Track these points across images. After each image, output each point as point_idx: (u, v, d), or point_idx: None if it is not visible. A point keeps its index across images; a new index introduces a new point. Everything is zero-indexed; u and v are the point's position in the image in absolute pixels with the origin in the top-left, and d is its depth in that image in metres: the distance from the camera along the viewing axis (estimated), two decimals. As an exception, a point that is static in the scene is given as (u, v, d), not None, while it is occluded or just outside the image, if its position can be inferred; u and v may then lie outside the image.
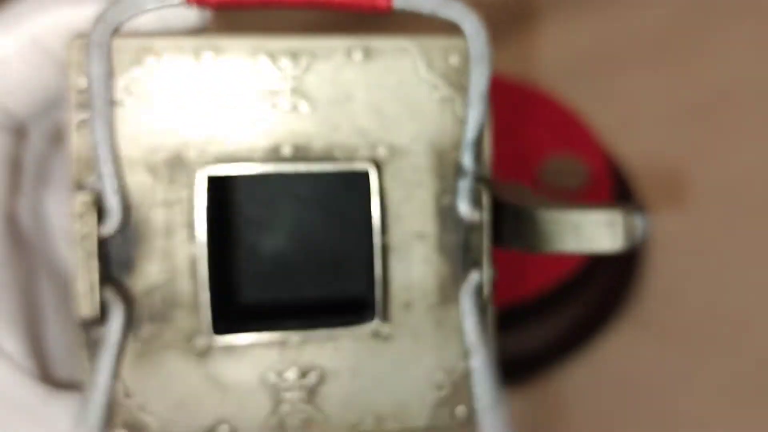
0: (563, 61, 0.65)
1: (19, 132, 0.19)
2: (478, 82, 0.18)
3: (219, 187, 0.20)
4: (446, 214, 0.20)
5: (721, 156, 0.58)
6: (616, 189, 0.52)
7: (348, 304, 0.21)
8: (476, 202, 0.19)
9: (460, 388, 0.20)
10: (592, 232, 0.18)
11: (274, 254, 0.21)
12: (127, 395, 0.18)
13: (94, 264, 0.17)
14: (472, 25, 0.18)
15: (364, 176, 0.19)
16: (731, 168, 0.57)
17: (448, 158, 0.19)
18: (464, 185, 0.19)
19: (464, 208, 0.20)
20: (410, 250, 0.19)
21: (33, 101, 0.19)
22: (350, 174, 0.19)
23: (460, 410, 0.20)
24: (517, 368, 0.47)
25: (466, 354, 0.20)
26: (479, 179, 0.19)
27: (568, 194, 0.49)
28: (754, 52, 0.62)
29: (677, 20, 0.64)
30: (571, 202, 0.20)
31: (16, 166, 0.19)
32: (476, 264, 0.20)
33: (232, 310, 0.21)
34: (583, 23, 0.66)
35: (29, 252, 0.20)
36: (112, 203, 0.18)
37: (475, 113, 0.19)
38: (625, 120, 0.61)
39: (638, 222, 0.18)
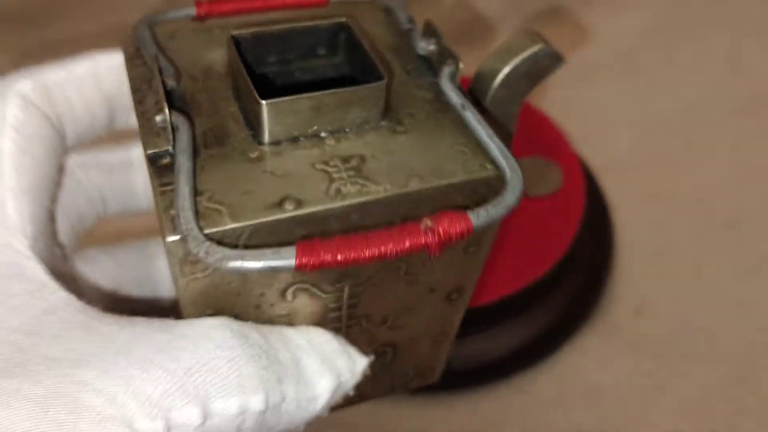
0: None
1: None
2: None
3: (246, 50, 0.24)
4: (405, 57, 0.26)
5: (693, 167, 0.57)
6: (590, 193, 0.50)
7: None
8: (427, 34, 0.26)
9: (479, 152, 0.23)
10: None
11: (297, 84, 0.26)
12: (199, 194, 0.20)
13: (164, 102, 0.21)
14: None
15: (347, 28, 0.25)
16: (702, 179, 0.56)
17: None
18: (415, 32, 0.27)
19: (421, 46, 0.26)
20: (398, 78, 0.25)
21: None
22: (336, 26, 0.25)
23: (489, 165, 0.22)
24: (482, 374, 0.45)
25: (462, 108, 0.24)
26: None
27: (544, 201, 0.48)
28: (727, 64, 0.62)
29: (649, 31, 0.63)
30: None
31: None
32: (444, 63, 0.25)
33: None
34: (554, 32, 0.66)
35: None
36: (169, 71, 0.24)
37: None
38: (595, 130, 0.60)
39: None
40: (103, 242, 0.30)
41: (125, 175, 0.28)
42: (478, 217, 0.21)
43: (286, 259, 0.19)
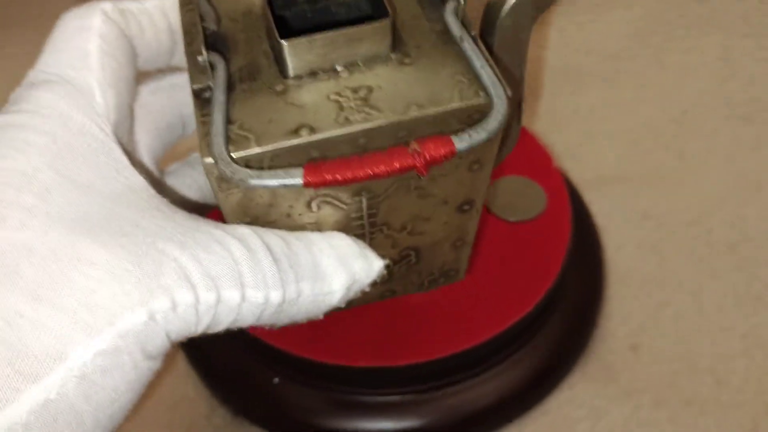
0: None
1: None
2: None
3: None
4: None
5: (687, 181, 0.52)
6: (576, 215, 0.45)
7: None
8: None
9: (475, 81, 0.25)
10: None
11: (322, 22, 0.28)
12: (231, 123, 0.24)
13: (201, 44, 0.25)
14: None
15: None
16: (697, 195, 0.51)
17: None
18: None
19: None
20: (404, 12, 0.27)
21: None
22: None
23: (482, 93, 0.25)
24: (461, 428, 0.39)
25: (460, 40, 0.26)
26: None
27: (526, 227, 0.42)
28: (720, 66, 0.56)
29: (637, 32, 0.58)
30: None
31: None
32: None
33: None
34: (533, 36, 0.60)
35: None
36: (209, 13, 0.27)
37: None
38: (579, 141, 0.55)
39: None
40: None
41: None
42: (461, 140, 0.23)
43: (295, 178, 0.23)
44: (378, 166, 0.23)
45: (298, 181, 0.23)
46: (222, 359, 0.41)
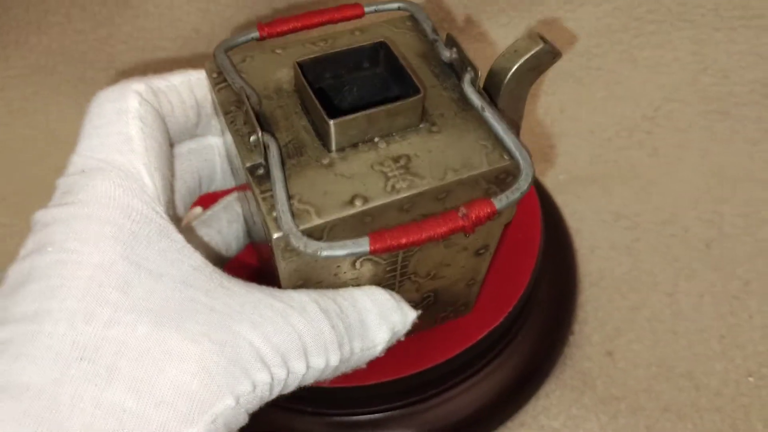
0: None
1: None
2: None
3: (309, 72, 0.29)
4: (431, 62, 0.31)
5: (661, 179, 0.51)
6: (548, 219, 0.44)
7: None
8: (449, 44, 0.30)
9: (497, 145, 0.28)
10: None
11: (351, 101, 0.30)
12: (290, 197, 0.26)
13: (257, 126, 0.26)
14: None
15: (385, 46, 0.29)
16: (672, 192, 0.50)
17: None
18: (439, 43, 0.31)
19: (445, 54, 0.30)
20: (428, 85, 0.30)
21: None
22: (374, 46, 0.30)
23: (506, 156, 0.27)
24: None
25: (482, 110, 0.28)
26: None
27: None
28: (693, 61, 0.56)
29: (607, 28, 0.57)
30: None
31: None
32: (465, 71, 0.29)
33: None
34: (503, 34, 0.59)
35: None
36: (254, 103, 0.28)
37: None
38: (550, 142, 0.54)
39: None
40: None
41: (211, 156, 0.33)
42: (500, 201, 0.26)
43: (362, 246, 0.25)
44: (434, 230, 0.25)
45: (366, 249, 0.25)
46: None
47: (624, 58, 0.56)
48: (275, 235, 0.25)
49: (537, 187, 0.45)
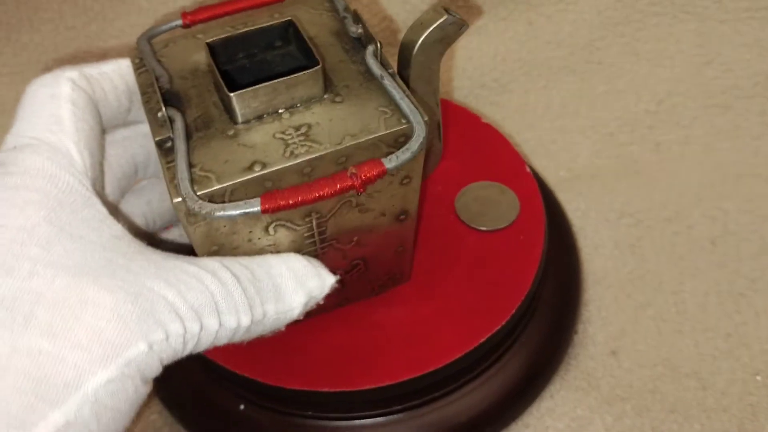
0: (480, 73, 0.56)
1: None
2: None
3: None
4: (343, 39, 0.33)
5: (664, 175, 0.50)
6: (551, 218, 0.43)
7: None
8: (355, 21, 0.32)
9: (397, 111, 0.29)
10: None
11: (263, 78, 0.30)
12: (193, 166, 0.28)
13: (160, 102, 0.29)
14: None
15: (292, 25, 0.32)
16: (675, 188, 0.49)
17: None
18: (348, 19, 0.33)
19: (352, 30, 0.32)
20: (331, 58, 0.32)
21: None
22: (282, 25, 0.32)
23: (403, 120, 0.29)
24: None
25: (381, 79, 0.30)
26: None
27: (499, 235, 0.41)
28: (696, 53, 0.55)
29: (608, 20, 0.56)
30: None
31: None
32: (369, 43, 0.32)
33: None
34: (501, 27, 0.58)
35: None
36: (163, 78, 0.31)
37: None
38: (552, 138, 0.53)
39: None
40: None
41: (146, 143, 0.34)
42: (390, 161, 0.27)
43: (254, 206, 0.27)
44: (323, 189, 0.27)
45: (257, 208, 0.27)
46: (187, 387, 0.40)
47: (626, 52, 0.55)
48: (175, 200, 0.27)
49: (539, 184, 0.44)
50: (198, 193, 0.27)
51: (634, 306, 0.44)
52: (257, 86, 0.29)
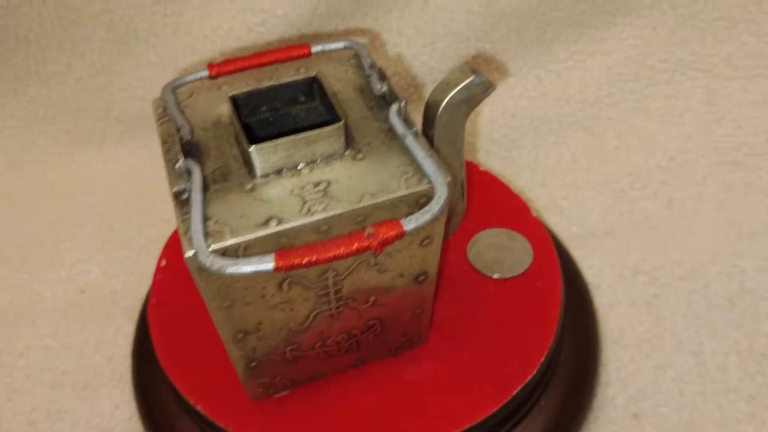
0: (489, 128, 0.56)
1: None
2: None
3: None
4: (368, 95, 0.33)
5: (678, 231, 0.50)
6: (565, 271, 0.42)
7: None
8: (380, 78, 0.33)
9: (418, 171, 0.29)
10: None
11: (285, 132, 0.30)
12: (208, 219, 0.27)
13: (180, 153, 0.29)
14: None
15: (317, 81, 0.32)
16: (690, 245, 0.49)
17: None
18: (373, 77, 0.33)
19: (377, 87, 0.32)
20: (354, 114, 0.32)
21: None
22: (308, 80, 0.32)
23: (425, 181, 0.28)
24: None
25: (404, 137, 0.30)
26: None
27: (514, 283, 0.40)
28: (706, 110, 0.55)
29: (618, 77, 0.56)
30: None
31: None
32: (393, 101, 0.31)
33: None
34: (511, 84, 0.58)
35: None
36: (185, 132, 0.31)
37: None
38: (563, 194, 0.52)
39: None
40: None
41: None
42: (409, 222, 0.27)
43: (267, 263, 0.26)
44: (338, 248, 0.26)
45: (270, 266, 0.26)
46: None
47: (636, 108, 0.55)
48: (187, 254, 0.26)
49: (553, 238, 0.43)
50: (211, 247, 0.26)
51: (654, 366, 0.43)
52: (277, 140, 0.28)
